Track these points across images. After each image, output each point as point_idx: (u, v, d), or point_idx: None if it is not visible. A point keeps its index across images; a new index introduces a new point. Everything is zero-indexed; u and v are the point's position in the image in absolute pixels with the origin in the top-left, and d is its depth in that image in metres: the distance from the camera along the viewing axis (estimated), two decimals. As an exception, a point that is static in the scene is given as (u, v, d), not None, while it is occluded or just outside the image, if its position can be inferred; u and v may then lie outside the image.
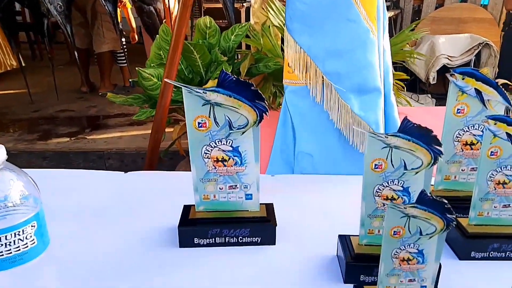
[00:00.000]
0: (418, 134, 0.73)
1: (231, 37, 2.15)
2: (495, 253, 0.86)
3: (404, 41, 2.37)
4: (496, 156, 0.83)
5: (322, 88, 1.25)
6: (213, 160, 0.89)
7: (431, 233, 0.63)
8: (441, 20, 5.37)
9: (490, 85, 0.93)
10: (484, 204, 0.87)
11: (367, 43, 1.17)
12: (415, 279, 0.66)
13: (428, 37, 5.27)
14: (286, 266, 0.86)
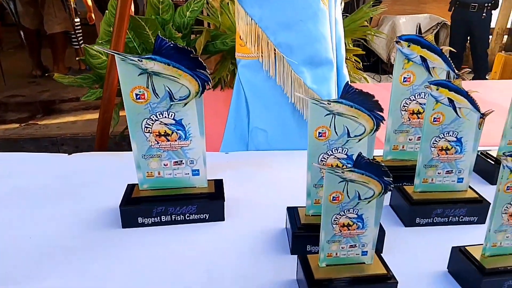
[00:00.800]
0: (360, 100, 0.72)
1: (186, 13, 2.07)
2: (439, 219, 0.87)
3: (362, 18, 2.37)
4: (438, 122, 0.84)
5: (275, 62, 1.22)
6: (155, 134, 0.84)
7: (370, 197, 0.62)
8: (401, 0, 5.45)
9: (435, 52, 0.93)
10: (428, 171, 0.88)
11: (318, 13, 1.15)
12: (356, 244, 0.66)
13: (390, 17, 5.35)
14: (234, 242, 0.84)
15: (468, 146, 0.86)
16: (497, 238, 0.68)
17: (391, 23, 5.22)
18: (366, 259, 0.67)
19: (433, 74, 0.95)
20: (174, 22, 2.04)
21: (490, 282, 0.65)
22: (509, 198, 0.65)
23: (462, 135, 0.85)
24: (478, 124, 0.84)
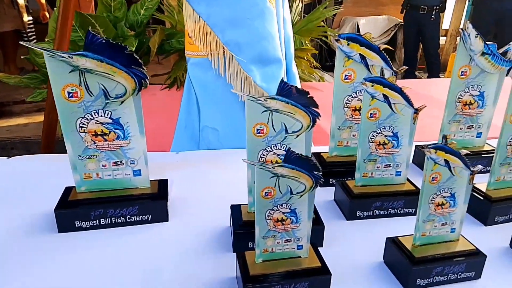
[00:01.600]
0: (295, 96, 0.73)
1: (140, 11, 2.02)
2: (378, 211, 0.90)
3: (319, 19, 2.42)
4: (375, 118, 0.87)
5: (224, 60, 1.21)
6: (91, 134, 0.81)
7: (301, 191, 0.63)
8: (361, 2, 5.62)
9: (373, 50, 0.96)
10: (367, 166, 0.91)
11: (265, 12, 1.15)
12: (291, 239, 0.66)
13: (350, 18, 5.50)
14: (177, 242, 0.82)
15: (404, 141, 0.89)
16: (425, 228, 0.71)
17: (352, 24, 5.37)
18: (301, 253, 0.68)
19: (372, 72, 0.98)
20: (128, 20, 1.98)
21: (419, 270, 0.68)
22: (434, 189, 0.68)
23: (398, 130, 0.88)
24: (412, 119, 0.87)
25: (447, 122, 1.08)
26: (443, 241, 0.72)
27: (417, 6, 4.58)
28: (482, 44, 0.99)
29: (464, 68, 1.02)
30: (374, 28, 5.34)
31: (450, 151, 0.65)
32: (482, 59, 1.00)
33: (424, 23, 4.59)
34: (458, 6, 5.86)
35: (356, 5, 5.62)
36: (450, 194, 0.69)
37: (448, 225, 0.72)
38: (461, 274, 0.70)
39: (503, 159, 0.88)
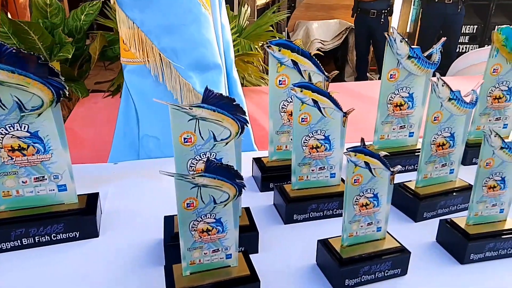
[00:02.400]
0: (222, 104, 0.72)
1: (81, 16, 1.94)
2: (314, 213, 0.92)
3: (267, 23, 2.44)
4: (306, 122, 0.88)
5: (162, 66, 1.18)
6: (7, 149, 0.75)
7: (225, 200, 0.62)
8: (313, 7, 5.76)
9: (304, 56, 0.98)
10: (302, 169, 0.92)
11: (200, 18, 1.14)
12: (218, 248, 0.65)
13: (303, 23, 5.62)
14: (108, 258, 0.79)
15: (336, 143, 0.91)
16: (352, 228, 0.73)
17: (305, 28, 5.49)
18: (231, 262, 0.67)
19: (305, 77, 1.00)
20: (67, 26, 1.89)
21: (348, 271, 0.70)
22: (357, 190, 0.70)
23: (330, 133, 0.90)
24: (342, 122, 0.90)
25: (381, 123, 1.12)
26: (370, 240, 0.75)
27: (367, 10, 4.78)
28: (407, 48, 1.04)
29: (393, 71, 1.06)
30: (326, 32, 5.49)
31: (369, 153, 0.67)
32: (408, 62, 1.05)
33: (374, 26, 4.79)
34: (404, 9, 6.18)
35: (308, 9, 5.76)
36: (373, 195, 0.71)
37: (374, 224, 0.74)
38: (387, 271, 0.73)
39: (428, 157, 0.92)
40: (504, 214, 0.81)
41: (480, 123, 1.19)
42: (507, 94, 1.16)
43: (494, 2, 5.28)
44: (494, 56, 1.11)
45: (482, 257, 0.78)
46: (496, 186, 0.78)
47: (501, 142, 0.74)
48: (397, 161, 1.14)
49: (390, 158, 1.13)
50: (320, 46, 5.39)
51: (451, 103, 0.88)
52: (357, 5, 4.83)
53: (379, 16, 4.73)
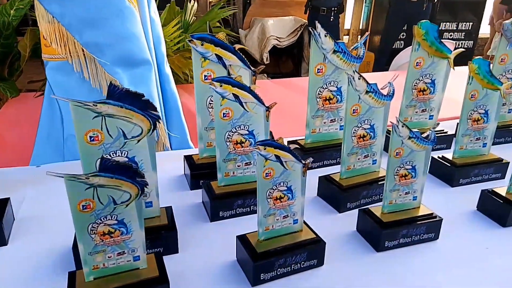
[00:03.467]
0: (129, 100, 0.69)
1: (10, 11, 1.81)
2: (240, 209, 0.91)
3: (214, 19, 2.41)
4: (228, 117, 0.87)
5: (86, 62, 1.13)
6: None
7: (127, 200, 0.59)
8: (269, 3, 5.78)
9: (229, 50, 0.97)
10: (228, 165, 0.91)
11: (124, 11, 1.10)
12: (124, 251, 0.63)
13: (259, 19, 5.63)
14: (15, 267, 0.74)
15: (260, 138, 0.91)
16: (268, 222, 0.73)
17: (261, 25, 5.50)
18: (139, 264, 0.65)
19: (231, 71, 0.98)
20: (-7, 21, 1.76)
21: (262, 265, 0.69)
22: (270, 184, 0.70)
23: (253, 128, 0.90)
24: (265, 116, 0.89)
25: (311, 117, 1.13)
26: (287, 233, 0.75)
27: (318, 8, 4.87)
28: (332, 43, 1.05)
29: (320, 65, 1.08)
30: (282, 29, 5.54)
31: (279, 147, 0.67)
32: (334, 56, 1.07)
33: (324, 23, 4.88)
34: (357, 7, 6.36)
35: (263, 6, 5.78)
36: (287, 188, 0.71)
37: (290, 217, 0.74)
38: (303, 263, 0.73)
39: (350, 149, 0.94)
40: (417, 201, 0.85)
41: (407, 115, 1.24)
42: (430, 86, 1.21)
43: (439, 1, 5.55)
44: (416, 50, 1.16)
45: (396, 244, 0.80)
46: (407, 175, 0.81)
47: (408, 132, 0.77)
48: (328, 154, 1.16)
49: (321, 151, 1.16)
50: (276, 43, 5.43)
51: (368, 96, 0.90)
52: (308, 2, 4.91)
53: (329, 13, 4.84)
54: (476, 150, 1.09)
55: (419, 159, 0.80)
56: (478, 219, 0.92)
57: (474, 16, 5.63)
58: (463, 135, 1.06)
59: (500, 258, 0.80)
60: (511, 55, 1.23)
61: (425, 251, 0.81)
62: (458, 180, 1.06)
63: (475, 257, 0.80)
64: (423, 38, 1.14)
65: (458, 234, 0.87)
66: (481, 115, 1.05)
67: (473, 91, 1.02)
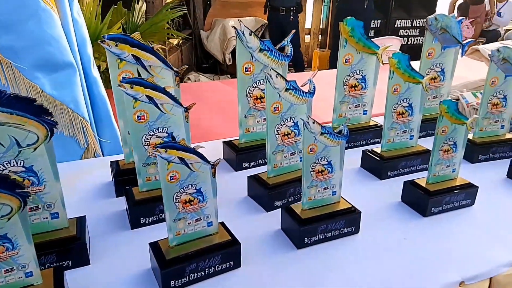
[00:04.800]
0: (21, 105, 0.65)
1: None
2: (163, 215, 0.88)
3: (163, 21, 2.36)
4: (144, 120, 0.84)
5: (1, 68, 1.06)
6: None
7: (8, 213, 0.55)
8: (229, 4, 5.77)
9: (147, 50, 0.94)
10: (148, 169, 0.88)
11: (39, 13, 1.04)
12: (12, 267, 0.59)
13: (220, 20, 5.60)
14: None
15: (181, 140, 0.89)
16: (178, 227, 0.71)
17: (222, 26, 5.48)
18: (33, 280, 0.61)
19: (152, 72, 0.95)
20: None
21: (172, 271, 0.67)
22: (176, 187, 0.68)
23: (173, 130, 0.87)
24: (185, 117, 0.87)
25: (243, 117, 1.12)
26: (200, 236, 0.73)
27: (276, 8, 4.90)
28: (258, 41, 1.05)
29: (247, 64, 1.07)
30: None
31: (182, 148, 0.65)
32: (261, 55, 1.06)
33: (284, 23, 4.92)
34: (316, 7, 6.45)
35: (224, 7, 5.76)
36: (196, 190, 0.69)
37: (203, 220, 0.72)
38: (218, 266, 0.72)
39: (275, 147, 0.94)
40: (337, 196, 0.85)
41: (341, 111, 1.25)
42: (361, 82, 1.23)
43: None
44: (344, 47, 1.17)
45: (316, 239, 0.80)
46: (324, 170, 0.81)
47: (320, 128, 0.77)
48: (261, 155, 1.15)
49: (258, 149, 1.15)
50: (237, 43, 5.41)
51: (288, 93, 0.90)
52: (267, 2, 4.93)
53: (288, 13, 4.89)
54: (403, 142, 1.12)
55: (335, 154, 0.81)
56: (401, 210, 0.94)
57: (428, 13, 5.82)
58: (389, 128, 1.09)
59: (418, 247, 0.82)
60: (437, 49, 1.27)
61: (344, 245, 0.81)
62: (386, 173, 1.08)
63: (393, 247, 0.81)
64: (349, 34, 1.15)
65: (381, 226, 0.88)
66: (405, 108, 1.08)
67: (395, 85, 1.05)
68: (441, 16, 1.25)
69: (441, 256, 0.78)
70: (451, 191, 0.91)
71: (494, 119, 1.18)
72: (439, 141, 0.88)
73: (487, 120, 1.18)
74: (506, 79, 1.13)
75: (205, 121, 1.95)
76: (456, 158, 0.92)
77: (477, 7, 5.70)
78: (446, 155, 0.91)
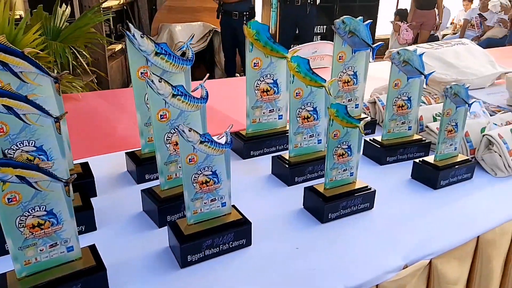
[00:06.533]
0: None
1: None
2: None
3: (88, 24, 2.24)
4: (3, 133, 0.74)
5: None
6: None
7: None
8: (176, 9, 5.66)
9: (15, 55, 0.84)
10: (15, 188, 0.79)
11: None
12: None
13: (167, 25, 5.48)
14: None
15: (54, 154, 0.80)
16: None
17: (168, 31, 5.36)
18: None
19: (25, 79, 0.86)
20: None
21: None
22: (19, 211, 0.59)
23: (42, 143, 0.78)
24: (55, 128, 0.78)
25: (144, 125, 1.05)
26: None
27: (230, 12, 4.87)
28: (152, 44, 0.98)
29: (143, 69, 1.00)
30: (191, 34, 5.44)
31: (21, 165, 0.57)
32: (158, 59, 1.00)
33: (237, 28, 4.89)
34: (265, 12, 6.51)
35: (171, 12, 5.64)
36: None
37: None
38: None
39: (166, 157, 0.87)
40: (227, 208, 0.80)
41: (254, 116, 1.22)
42: (273, 86, 1.20)
43: (338, 4, 5.91)
44: (251, 51, 1.14)
45: (201, 256, 0.75)
46: (209, 181, 0.75)
47: (199, 137, 0.72)
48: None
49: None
50: (185, 49, 5.31)
51: (177, 99, 0.84)
52: (220, 7, 4.89)
53: (241, 18, 4.87)
54: (311, 147, 1.10)
55: (219, 164, 0.76)
56: (301, 218, 0.91)
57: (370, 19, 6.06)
58: (295, 133, 1.06)
59: (309, 257, 0.78)
60: (348, 52, 1.27)
61: (235, 258, 0.76)
62: (293, 179, 1.05)
63: (285, 259, 0.77)
64: (255, 38, 1.12)
65: (274, 237, 0.84)
66: (310, 113, 1.06)
67: (297, 89, 1.02)
68: (348, 19, 1.26)
69: (331, 265, 0.75)
70: (348, 195, 0.89)
71: (401, 121, 1.20)
72: (332, 145, 0.86)
73: (394, 122, 1.19)
74: (408, 81, 1.15)
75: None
76: (353, 161, 0.91)
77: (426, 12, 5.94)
78: (341, 159, 0.89)
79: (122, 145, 1.43)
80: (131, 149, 1.13)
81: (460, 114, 1.04)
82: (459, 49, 1.69)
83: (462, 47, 1.72)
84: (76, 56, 2.28)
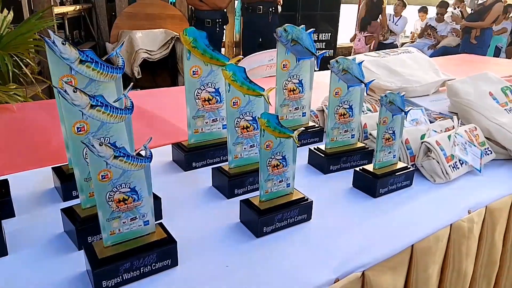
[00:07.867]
0: None
1: None
2: None
3: (31, 31, 2.11)
4: None
5: None
6: None
7: None
8: (137, 16, 5.54)
9: None
10: None
11: None
12: None
13: (127, 32, 5.34)
14: None
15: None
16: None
17: (128, 37, 5.21)
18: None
19: None
20: None
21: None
22: None
23: None
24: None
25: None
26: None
27: (202, 20, 4.85)
28: (76, 51, 0.92)
29: (66, 77, 0.93)
30: (152, 41, 5.33)
31: None
32: (83, 67, 0.93)
33: (210, 35, 4.85)
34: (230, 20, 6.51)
35: (131, 19, 5.51)
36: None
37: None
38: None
39: (86, 175, 0.81)
40: (151, 227, 0.75)
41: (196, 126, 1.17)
42: (215, 95, 1.16)
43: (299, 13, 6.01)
44: (188, 59, 1.10)
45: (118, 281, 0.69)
46: (127, 199, 0.70)
47: (112, 151, 0.66)
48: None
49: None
50: (146, 56, 5.19)
51: (96, 111, 0.78)
52: (192, 14, 4.87)
53: (214, 25, 4.87)
54: (252, 158, 1.06)
55: (138, 179, 0.70)
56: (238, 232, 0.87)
57: (331, 27, 6.21)
58: (234, 144, 1.03)
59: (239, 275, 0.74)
60: (292, 60, 1.26)
61: (159, 281, 0.71)
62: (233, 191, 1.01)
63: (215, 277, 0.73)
64: (192, 45, 1.08)
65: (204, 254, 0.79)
66: (249, 122, 1.03)
67: (234, 98, 0.99)
68: (290, 27, 1.25)
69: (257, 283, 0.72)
70: (284, 207, 0.86)
71: (343, 129, 1.19)
72: (266, 156, 0.83)
73: (336, 130, 1.18)
74: (349, 90, 1.15)
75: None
76: (288, 172, 0.88)
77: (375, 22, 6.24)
78: (276, 170, 0.86)
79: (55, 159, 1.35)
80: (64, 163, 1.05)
81: (396, 122, 1.05)
82: (405, 57, 1.72)
83: (407, 55, 1.76)
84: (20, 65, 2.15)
